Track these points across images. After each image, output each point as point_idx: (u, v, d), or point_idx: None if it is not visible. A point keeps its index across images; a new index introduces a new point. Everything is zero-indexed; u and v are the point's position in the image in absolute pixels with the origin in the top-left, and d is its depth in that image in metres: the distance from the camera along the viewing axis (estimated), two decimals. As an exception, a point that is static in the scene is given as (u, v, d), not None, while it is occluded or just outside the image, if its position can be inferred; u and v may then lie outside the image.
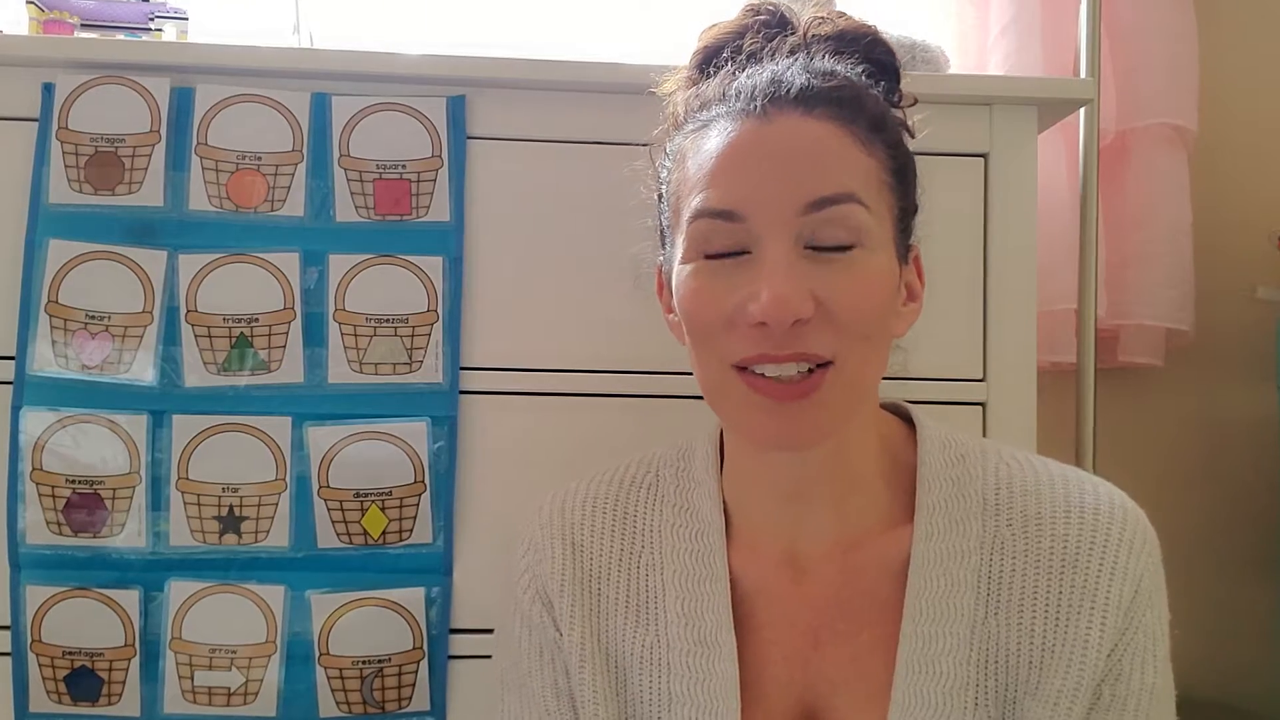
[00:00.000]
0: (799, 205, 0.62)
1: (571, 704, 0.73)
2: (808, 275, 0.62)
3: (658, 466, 0.77)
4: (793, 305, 0.60)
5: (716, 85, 0.69)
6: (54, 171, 0.95)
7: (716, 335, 0.64)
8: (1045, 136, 1.16)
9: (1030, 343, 1.01)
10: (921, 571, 0.67)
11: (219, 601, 0.93)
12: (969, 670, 0.66)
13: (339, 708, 0.94)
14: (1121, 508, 0.67)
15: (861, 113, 0.65)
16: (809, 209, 0.62)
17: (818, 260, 0.63)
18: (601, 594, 0.73)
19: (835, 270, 0.62)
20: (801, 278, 0.61)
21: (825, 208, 0.62)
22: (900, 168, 0.68)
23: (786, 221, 0.62)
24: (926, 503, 0.69)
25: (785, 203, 0.62)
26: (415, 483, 0.95)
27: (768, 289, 0.61)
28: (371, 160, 0.97)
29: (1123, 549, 0.65)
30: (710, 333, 0.65)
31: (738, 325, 0.63)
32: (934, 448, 0.71)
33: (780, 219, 0.62)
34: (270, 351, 0.95)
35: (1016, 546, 0.67)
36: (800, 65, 0.66)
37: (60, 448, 0.93)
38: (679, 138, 0.71)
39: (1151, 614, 0.66)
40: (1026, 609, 0.66)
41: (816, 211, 0.62)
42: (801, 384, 0.62)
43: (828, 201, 0.62)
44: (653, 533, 0.74)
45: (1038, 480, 0.69)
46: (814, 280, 0.62)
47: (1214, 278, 1.46)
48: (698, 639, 0.69)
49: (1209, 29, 1.45)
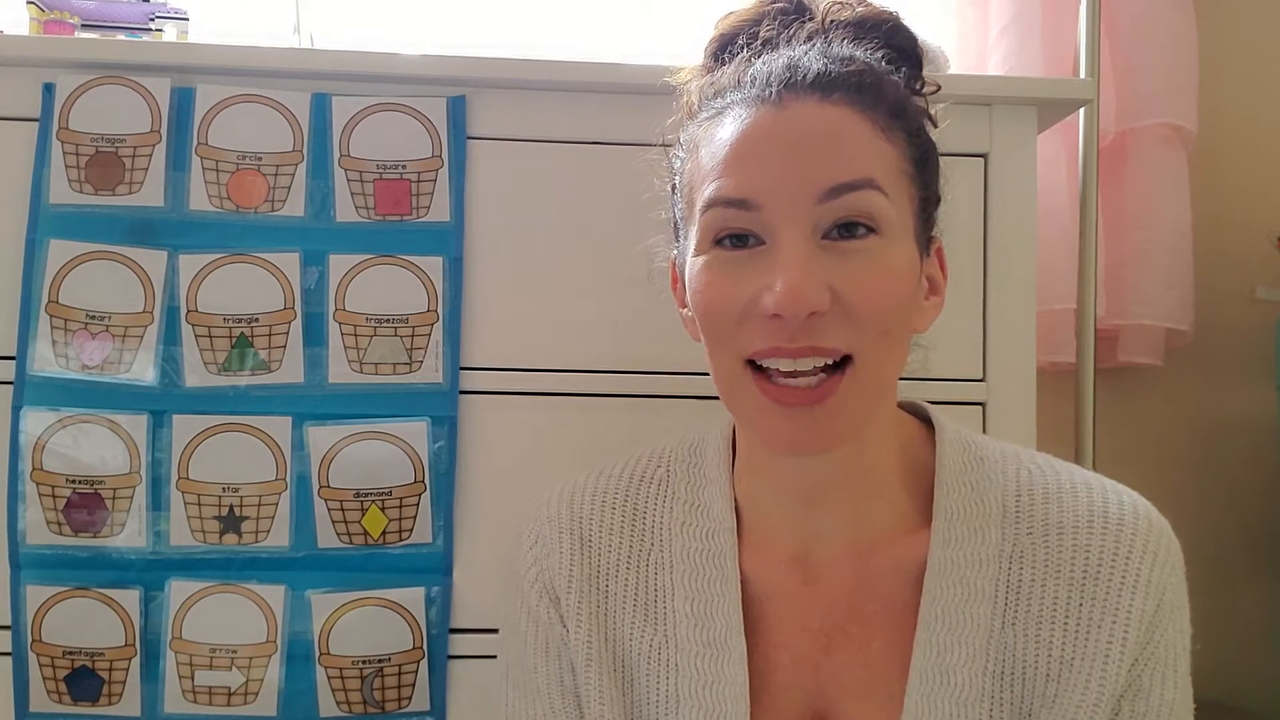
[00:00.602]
0: (816, 193, 0.60)
1: (577, 702, 0.71)
2: (824, 266, 0.60)
3: (669, 462, 0.75)
4: (808, 297, 0.59)
5: (731, 72, 0.67)
6: (54, 172, 0.95)
7: (730, 328, 0.62)
8: (1045, 136, 1.16)
9: (1030, 343, 1.01)
10: (938, 578, 0.65)
11: (219, 601, 0.93)
12: (984, 681, 0.64)
13: (339, 707, 0.94)
14: (1146, 518, 0.65)
15: (881, 99, 0.64)
16: (826, 196, 0.60)
17: (835, 251, 0.61)
18: (609, 591, 0.72)
19: (853, 261, 0.61)
20: (818, 269, 0.60)
21: (843, 194, 0.60)
22: (921, 156, 0.66)
23: (803, 210, 0.60)
24: (944, 508, 0.67)
25: (801, 191, 0.60)
26: (415, 483, 0.95)
27: (783, 280, 0.59)
28: (372, 160, 0.97)
29: (1145, 561, 0.63)
30: (724, 325, 0.63)
31: (752, 317, 0.61)
32: (952, 450, 0.69)
33: (796, 208, 0.60)
34: (270, 351, 0.95)
35: (1037, 556, 0.65)
36: (818, 50, 0.64)
37: (60, 447, 0.93)
38: (692, 127, 0.69)
39: (1173, 628, 0.64)
40: (1045, 621, 0.64)
41: (834, 199, 0.60)
42: (817, 390, 0.61)
43: (846, 188, 0.60)
44: (663, 530, 0.72)
45: (1059, 487, 0.67)
46: (831, 272, 0.60)
47: (1213, 278, 1.46)
48: (707, 640, 0.68)
49: (1209, 29, 1.45)
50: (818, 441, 0.62)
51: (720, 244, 0.63)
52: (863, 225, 0.61)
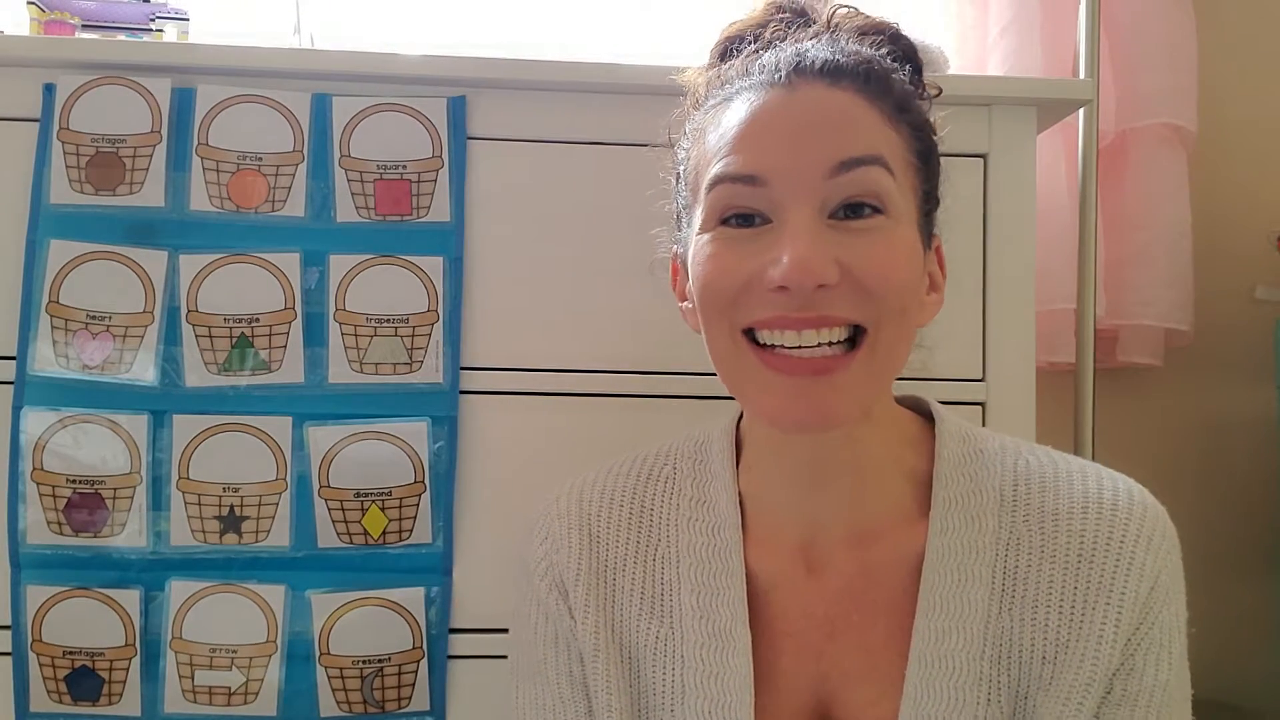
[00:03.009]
0: (824, 169, 0.60)
1: (585, 692, 0.72)
2: (833, 243, 0.60)
3: (675, 459, 0.76)
4: (816, 268, 0.58)
5: (739, 64, 0.68)
6: (55, 172, 0.95)
7: (730, 301, 0.62)
8: (1044, 137, 1.16)
9: (1029, 343, 1.02)
10: (936, 566, 0.66)
11: (219, 601, 0.93)
12: (982, 665, 0.65)
13: (339, 707, 0.94)
14: (1140, 503, 0.66)
15: (888, 91, 0.64)
16: (835, 171, 0.60)
17: (842, 230, 0.61)
18: (616, 585, 0.73)
19: (861, 239, 0.61)
20: (826, 244, 0.59)
21: (852, 169, 0.60)
22: (925, 151, 0.67)
23: (810, 188, 0.60)
24: (942, 497, 0.68)
25: (809, 167, 0.60)
26: (415, 483, 0.95)
27: (790, 252, 0.59)
28: (372, 160, 0.97)
29: (1140, 544, 0.64)
30: (723, 299, 0.63)
31: (755, 291, 0.61)
32: (951, 442, 0.70)
33: (804, 184, 0.60)
34: (271, 351, 0.95)
35: (1033, 542, 0.66)
36: (826, 42, 0.65)
37: (61, 447, 0.93)
38: (698, 115, 0.70)
39: (1168, 611, 0.64)
40: (1041, 604, 0.65)
41: (842, 174, 0.60)
42: (824, 360, 0.61)
43: (855, 163, 0.60)
44: (669, 526, 0.73)
45: (1056, 475, 0.68)
46: (840, 248, 0.60)
47: (1213, 278, 1.46)
48: (712, 632, 0.69)
49: (1208, 29, 1.45)
50: (822, 417, 0.62)
51: (726, 223, 0.63)
52: (869, 205, 0.61)
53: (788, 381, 0.61)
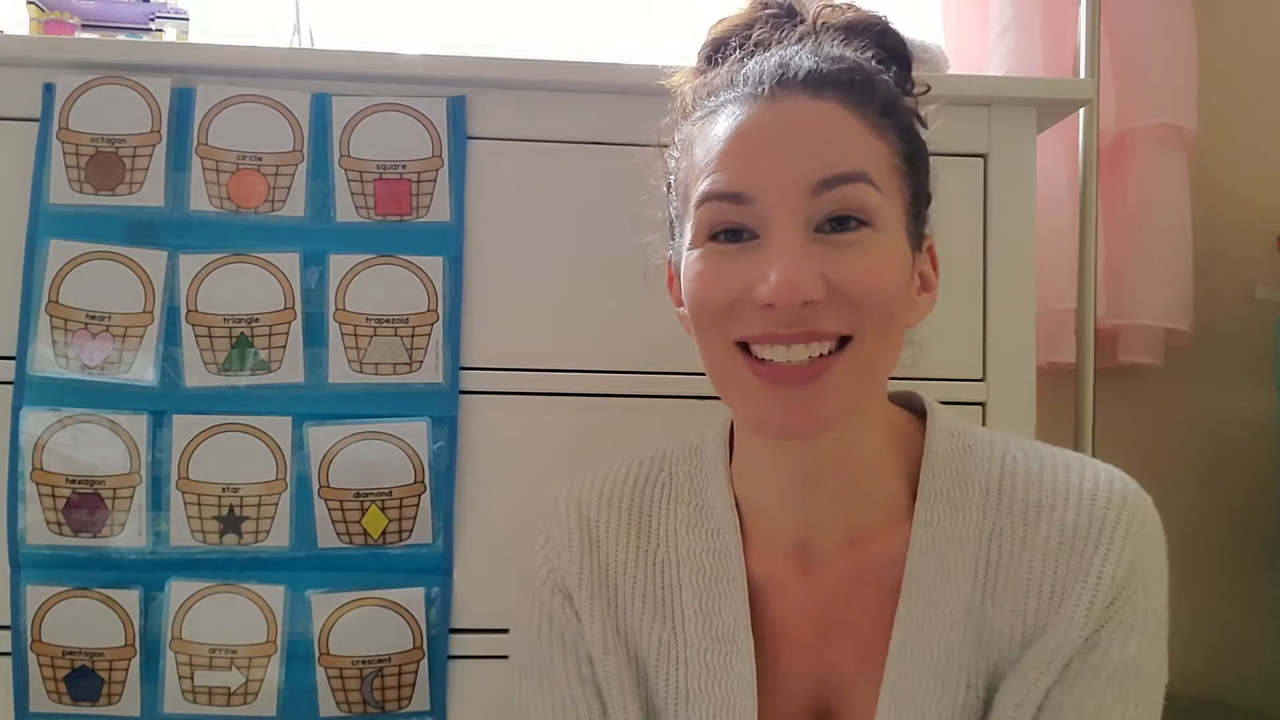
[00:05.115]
0: (808, 186, 0.61)
1: (597, 692, 0.73)
2: (818, 258, 0.61)
3: (670, 464, 0.77)
4: (802, 286, 0.60)
5: (724, 73, 0.68)
6: (54, 172, 0.95)
7: (721, 316, 0.63)
8: (1044, 137, 1.16)
9: (1029, 343, 1.02)
10: (919, 557, 0.67)
11: (219, 601, 0.93)
12: (961, 654, 0.66)
13: (339, 708, 0.94)
14: (1121, 491, 0.66)
15: (872, 97, 0.65)
16: (818, 188, 0.61)
17: (828, 243, 0.62)
18: (618, 588, 0.73)
19: (846, 252, 0.61)
20: (811, 260, 0.60)
21: (835, 186, 0.61)
22: (912, 153, 0.67)
23: (795, 203, 0.61)
24: (928, 490, 0.68)
25: (794, 184, 0.61)
26: (415, 483, 0.95)
27: (777, 270, 0.60)
28: (372, 160, 0.97)
29: (1119, 531, 0.64)
30: (714, 314, 0.64)
31: (745, 307, 0.62)
32: (940, 437, 0.70)
33: (789, 201, 0.61)
34: (270, 351, 0.95)
35: (1016, 533, 0.67)
36: (809, 49, 0.66)
37: (61, 448, 0.93)
38: (686, 126, 0.70)
39: (1143, 594, 0.65)
40: (1020, 592, 0.65)
41: (826, 191, 0.61)
42: (810, 367, 0.62)
43: (838, 180, 0.61)
44: (668, 531, 0.74)
45: (1042, 469, 0.68)
46: (824, 263, 0.61)
47: (1213, 278, 1.46)
48: (715, 636, 0.69)
49: (1208, 29, 1.45)
50: (808, 423, 0.63)
51: (715, 239, 0.64)
52: (854, 218, 0.62)
53: (777, 390, 0.62)
